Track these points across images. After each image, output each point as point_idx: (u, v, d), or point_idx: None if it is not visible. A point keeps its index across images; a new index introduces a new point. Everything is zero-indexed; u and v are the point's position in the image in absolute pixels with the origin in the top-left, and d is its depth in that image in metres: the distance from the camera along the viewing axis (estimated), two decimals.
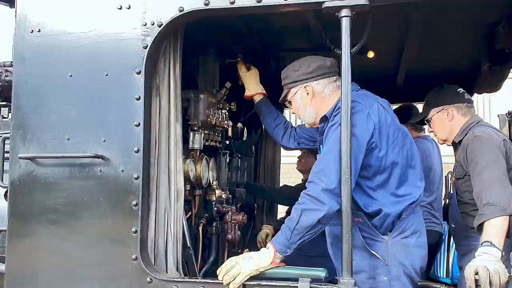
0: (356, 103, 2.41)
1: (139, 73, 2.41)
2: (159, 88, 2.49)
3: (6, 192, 2.82)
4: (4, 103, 4.05)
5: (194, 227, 3.10)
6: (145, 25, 2.44)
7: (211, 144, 3.27)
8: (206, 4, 2.37)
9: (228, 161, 3.85)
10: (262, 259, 2.30)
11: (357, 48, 2.54)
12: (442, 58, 3.93)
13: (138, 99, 2.40)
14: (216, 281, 2.31)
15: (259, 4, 2.33)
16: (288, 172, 7.72)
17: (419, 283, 4.03)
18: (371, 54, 3.93)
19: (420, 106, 4.25)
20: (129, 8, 2.47)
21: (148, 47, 2.42)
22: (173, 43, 2.53)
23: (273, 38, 3.45)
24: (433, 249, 3.98)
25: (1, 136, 3.08)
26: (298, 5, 2.34)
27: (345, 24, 2.27)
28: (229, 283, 2.25)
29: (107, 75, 2.46)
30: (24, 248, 2.52)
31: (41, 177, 2.51)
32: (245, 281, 2.26)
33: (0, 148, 2.85)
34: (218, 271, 2.32)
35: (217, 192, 3.20)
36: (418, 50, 3.75)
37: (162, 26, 2.41)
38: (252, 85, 3.26)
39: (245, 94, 3.29)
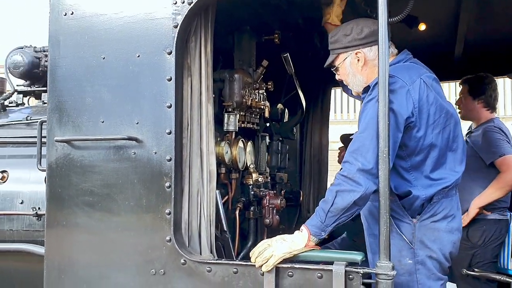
0: (396, 79, 2.46)
1: (170, 53, 2.57)
2: (190, 68, 2.64)
3: None
4: (45, 88, 4.37)
5: (231, 211, 3.29)
6: (175, 3, 2.59)
7: (248, 126, 3.41)
8: None
9: (267, 144, 3.99)
10: (296, 242, 2.43)
11: (399, 18, 2.59)
12: (503, 24, 3.87)
13: (170, 80, 2.57)
14: (249, 263, 2.45)
15: None
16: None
17: (478, 274, 4.09)
18: (422, 27, 3.94)
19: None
20: None
21: (179, 26, 2.57)
22: (204, 21, 2.67)
23: (316, 11, 3.51)
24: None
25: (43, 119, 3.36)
26: None
27: None
28: (262, 265, 2.40)
29: (138, 56, 2.64)
30: (62, 231, 2.76)
31: (77, 160, 2.75)
32: (278, 263, 2.40)
33: (38, 132, 3.12)
34: (251, 253, 2.46)
35: (254, 175, 3.35)
36: (475, 18, 3.73)
37: (192, 4, 2.55)
38: (339, 14, 3.08)
39: (327, 21, 3.07)
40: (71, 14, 2.77)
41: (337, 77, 2.85)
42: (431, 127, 2.50)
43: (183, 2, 2.57)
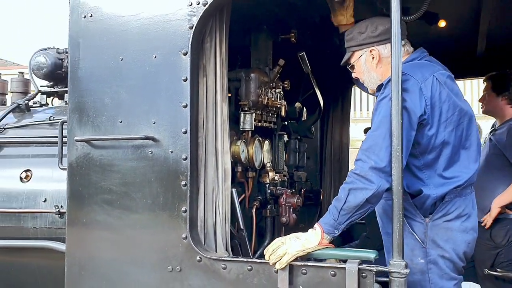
0: (409, 77, 2.49)
1: (185, 54, 2.65)
2: (205, 68, 2.71)
3: None
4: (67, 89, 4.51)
5: (248, 209, 3.35)
6: (191, 4, 2.66)
7: (265, 125, 3.47)
8: None
9: (285, 143, 4.03)
10: (309, 240, 2.47)
11: (416, 16, 2.61)
12: None
13: (185, 80, 2.64)
14: (263, 260, 2.51)
15: None
16: None
17: (501, 274, 4.06)
18: (442, 23, 3.93)
19: None
20: None
21: (194, 27, 2.63)
22: (219, 22, 2.73)
23: None
24: None
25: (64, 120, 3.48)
26: None
27: None
28: (276, 263, 2.45)
29: (155, 57, 2.72)
30: (82, 228, 2.86)
31: (96, 159, 2.84)
32: (292, 261, 2.45)
33: (59, 132, 3.24)
34: (265, 251, 2.51)
35: (271, 174, 3.40)
36: (497, 14, 3.70)
37: (207, 5, 2.62)
38: (342, 18, 3.08)
39: (338, 22, 3.08)
40: (90, 16, 2.87)
41: (353, 75, 2.89)
42: (444, 125, 2.52)
43: (198, 4, 2.64)
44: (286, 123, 4.08)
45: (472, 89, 14.00)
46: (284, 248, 2.45)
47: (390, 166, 2.35)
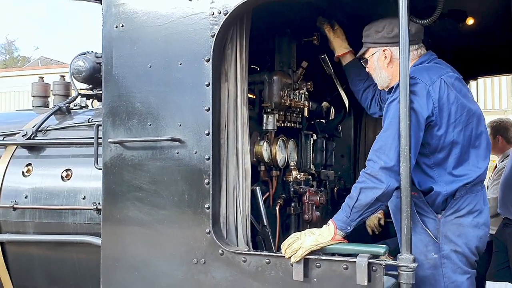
0: (417, 80, 2.70)
1: (208, 60, 2.94)
2: (227, 73, 2.99)
3: None
4: None
5: (272, 207, 3.62)
6: (213, 14, 2.95)
7: (289, 125, 3.73)
8: None
9: (312, 142, 4.27)
10: (323, 235, 2.72)
11: (431, 20, 2.80)
12: None
13: (208, 85, 2.93)
14: (280, 254, 2.78)
15: None
16: None
17: None
18: (470, 21, 4.05)
19: None
20: None
21: (216, 35, 2.92)
22: (239, 30, 3.01)
23: (358, 10, 3.73)
24: None
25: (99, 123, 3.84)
26: None
27: (403, 1, 2.56)
28: (291, 256, 2.72)
29: (180, 64, 3.03)
30: (116, 223, 3.21)
31: (128, 159, 3.18)
32: (306, 255, 2.71)
33: (94, 134, 3.60)
34: (282, 245, 2.79)
35: (294, 173, 3.66)
36: None
37: (227, 14, 2.90)
38: (340, 44, 3.55)
39: (335, 55, 3.58)
40: (122, 26, 3.21)
41: (366, 69, 3.13)
42: (452, 125, 2.72)
43: (220, 13, 2.92)
44: (312, 122, 4.32)
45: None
46: (299, 243, 2.71)
47: (399, 166, 2.57)
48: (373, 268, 2.59)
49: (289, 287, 2.75)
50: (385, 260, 2.59)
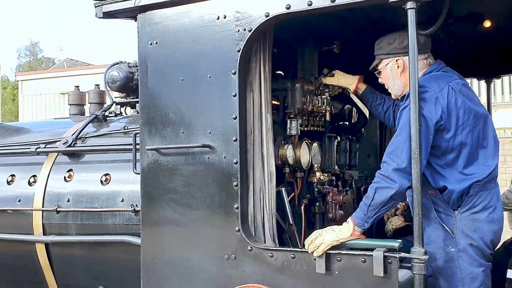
0: (426, 88, 3.06)
1: (234, 73, 3.34)
2: (252, 84, 3.39)
3: None
4: (138, 99, 5.34)
5: (298, 207, 4.03)
6: (238, 31, 3.35)
7: (312, 129, 4.12)
8: (287, 8, 3.19)
9: (336, 143, 4.65)
10: (343, 231, 3.11)
11: (433, 30, 3.15)
12: None
13: (235, 95, 3.33)
14: (304, 250, 3.18)
15: (333, 4, 3.10)
16: None
17: None
18: (487, 24, 4.33)
19: None
20: (225, 17, 3.39)
21: (241, 50, 3.32)
22: (262, 44, 3.40)
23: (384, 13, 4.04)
24: None
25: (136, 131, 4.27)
26: (366, 2, 3.06)
27: (411, 16, 2.92)
28: (313, 251, 3.11)
29: (209, 77, 3.44)
30: (154, 223, 3.64)
31: (163, 164, 3.61)
32: (328, 250, 3.09)
33: (133, 142, 4.05)
34: (305, 242, 3.19)
35: (318, 174, 4.04)
36: None
37: (252, 31, 3.30)
38: (348, 80, 4.05)
39: (351, 91, 4.09)
40: (156, 43, 3.64)
41: (379, 80, 3.50)
42: (461, 128, 3.08)
43: (244, 30, 3.33)
44: (336, 125, 4.70)
45: None
46: (321, 239, 3.10)
47: (411, 167, 2.94)
48: (389, 260, 2.96)
49: (312, 279, 3.15)
50: (400, 253, 2.95)
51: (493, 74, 5.63)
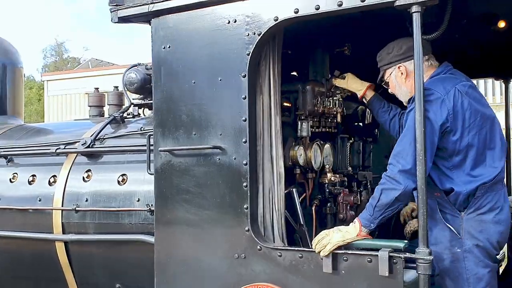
0: (432, 91, 3.13)
1: (244, 76, 3.45)
2: (261, 87, 3.49)
3: None
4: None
5: (309, 207, 4.12)
6: (248, 35, 3.46)
7: (323, 130, 4.21)
8: (295, 12, 3.29)
9: (348, 145, 4.72)
10: (349, 232, 3.19)
11: (436, 35, 3.21)
12: None
13: (244, 98, 3.44)
14: (311, 249, 3.27)
15: (340, 8, 3.19)
16: None
17: None
18: (502, 24, 4.35)
19: None
20: (235, 22, 3.51)
21: (251, 54, 3.42)
22: (272, 48, 3.50)
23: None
24: None
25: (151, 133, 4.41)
26: (372, 6, 3.13)
27: (416, 19, 2.99)
28: (320, 251, 3.19)
29: (220, 80, 3.56)
30: (167, 222, 3.78)
31: (176, 165, 3.74)
32: (334, 250, 3.18)
33: (147, 143, 4.19)
34: (312, 242, 3.28)
35: (329, 175, 4.13)
36: None
37: (261, 35, 3.40)
38: (357, 86, 4.14)
39: (359, 96, 4.17)
40: (169, 47, 3.77)
41: (389, 90, 3.57)
42: (467, 130, 3.13)
43: (254, 34, 3.43)
44: (348, 126, 4.76)
45: None
46: (328, 239, 3.19)
47: (416, 168, 3.00)
48: (394, 261, 3.03)
49: (319, 278, 3.24)
50: (405, 253, 3.03)
51: (511, 74, 5.63)
